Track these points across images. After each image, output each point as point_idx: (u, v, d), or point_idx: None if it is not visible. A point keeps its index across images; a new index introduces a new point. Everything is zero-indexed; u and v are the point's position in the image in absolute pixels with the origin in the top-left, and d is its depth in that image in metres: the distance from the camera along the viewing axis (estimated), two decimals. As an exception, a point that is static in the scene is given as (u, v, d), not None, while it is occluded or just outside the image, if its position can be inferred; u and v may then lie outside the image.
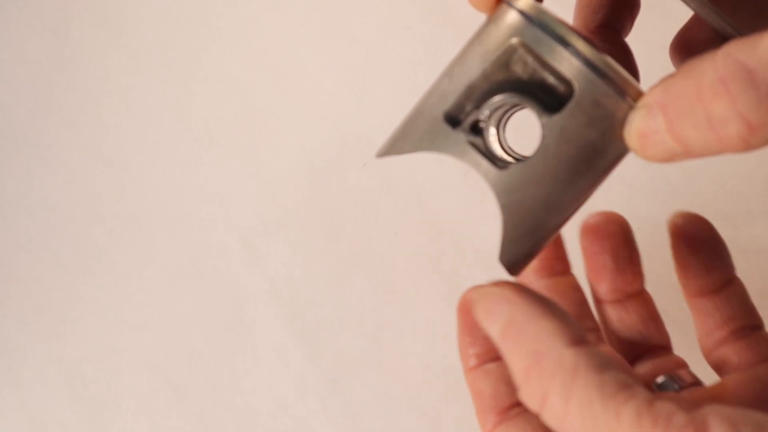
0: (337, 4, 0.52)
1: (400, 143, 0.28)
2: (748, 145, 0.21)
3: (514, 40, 0.25)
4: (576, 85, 0.25)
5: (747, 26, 0.26)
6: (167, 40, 0.52)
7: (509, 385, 0.30)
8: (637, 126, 0.24)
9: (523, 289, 0.25)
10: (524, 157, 0.27)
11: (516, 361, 0.24)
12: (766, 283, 0.31)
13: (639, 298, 0.34)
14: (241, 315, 0.47)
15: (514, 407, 0.29)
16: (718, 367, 0.32)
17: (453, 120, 0.27)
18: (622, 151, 0.26)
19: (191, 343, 0.46)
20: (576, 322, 0.24)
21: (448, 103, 0.27)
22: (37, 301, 0.47)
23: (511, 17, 0.26)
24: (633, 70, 0.31)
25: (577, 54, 0.24)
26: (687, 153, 0.22)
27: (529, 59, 0.25)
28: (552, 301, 0.25)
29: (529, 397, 0.23)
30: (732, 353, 0.31)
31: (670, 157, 0.23)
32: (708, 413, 0.21)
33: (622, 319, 0.33)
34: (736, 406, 0.29)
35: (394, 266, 0.47)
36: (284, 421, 0.44)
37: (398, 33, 0.52)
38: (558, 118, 0.25)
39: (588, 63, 0.24)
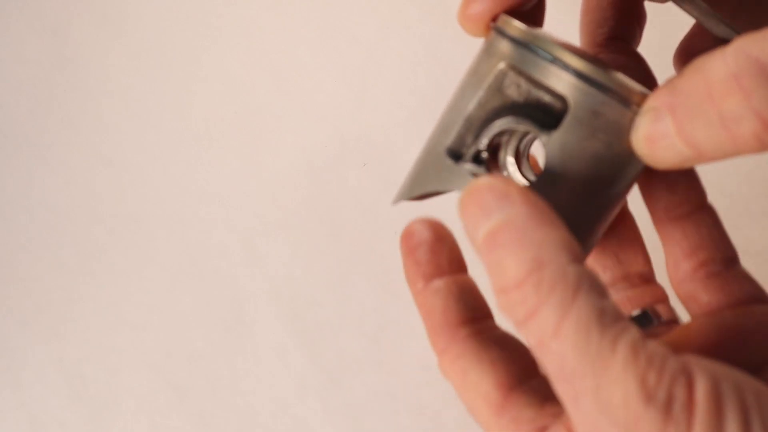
0: (337, 4, 0.52)
1: (410, 186, 0.27)
2: (763, 143, 0.20)
3: (502, 65, 0.25)
4: (569, 98, 0.24)
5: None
6: (167, 40, 0.52)
7: (459, 301, 0.28)
8: (643, 131, 0.23)
9: (527, 192, 0.22)
10: (533, 180, 0.26)
11: (509, 265, 0.21)
12: (766, 284, 0.30)
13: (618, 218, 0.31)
14: (241, 315, 0.47)
15: (465, 325, 0.28)
16: (688, 304, 0.30)
17: (456, 154, 0.26)
18: (634, 160, 0.25)
19: (191, 343, 0.46)
20: (576, 240, 0.22)
21: (449, 137, 0.26)
22: (37, 301, 0.47)
23: (497, 41, 0.25)
24: (648, 77, 0.30)
25: (565, 67, 0.24)
26: (698, 156, 0.21)
27: (522, 81, 0.25)
28: (554, 212, 0.23)
29: (514, 304, 0.22)
30: (702, 290, 0.29)
31: (680, 162, 0.22)
32: (692, 363, 0.21)
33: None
34: (700, 351, 0.27)
35: (394, 266, 0.47)
36: (284, 421, 0.44)
37: (398, 33, 0.52)
38: (557, 135, 0.24)
39: (578, 74, 0.24)
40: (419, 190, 0.27)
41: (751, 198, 0.46)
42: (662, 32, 0.32)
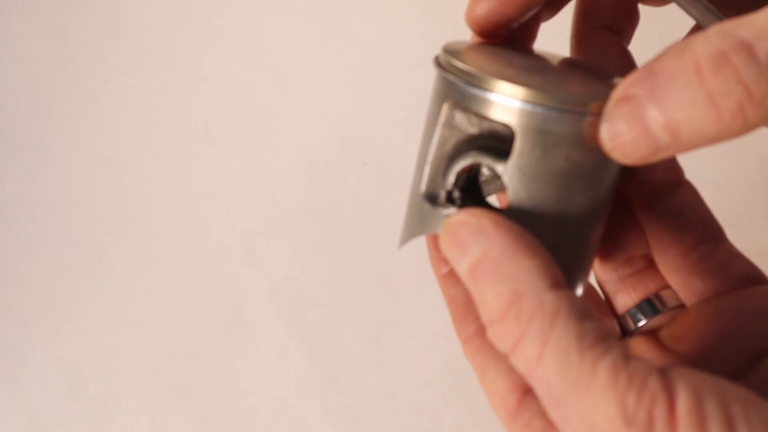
0: (337, 4, 0.52)
1: (404, 233, 0.27)
2: (746, 119, 0.20)
3: (447, 104, 0.25)
4: (512, 124, 0.24)
5: None
6: (167, 40, 0.52)
7: None
8: (613, 125, 0.22)
9: (501, 222, 0.23)
10: (501, 208, 0.25)
11: (490, 299, 0.22)
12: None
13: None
14: (241, 315, 0.47)
15: None
16: (684, 293, 0.30)
17: (431, 197, 0.26)
18: (604, 163, 0.24)
19: (191, 343, 0.46)
20: (555, 264, 0.22)
21: (424, 181, 0.26)
22: (37, 301, 0.47)
23: (439, 80, 0.25)
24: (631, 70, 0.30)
25: (499, 96, 0.23)
26: (674, 141, 0.21)
27: (470, 116, 0.25)
28: (532, 237, 0.23)
29: (500, 337, 0.22)
30: (696, 277, 0.29)
31: (652, 152, 0.22)
32: (676, 377, 0.20)
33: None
34: (700, 341, 0.27)
35: (394, 266, 0.47)
36: (284, 421, 0.44)
37: (398, 33, 0.52)
38: (512, 162, 0.24)
39: (513, 100, 0.23)
40: (411, 235, 0.27)
41: (751, 199, 0.46)
42: (662, 33, 0.32)
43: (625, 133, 0.22)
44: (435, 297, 0.46)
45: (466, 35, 0.28)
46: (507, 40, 0.28)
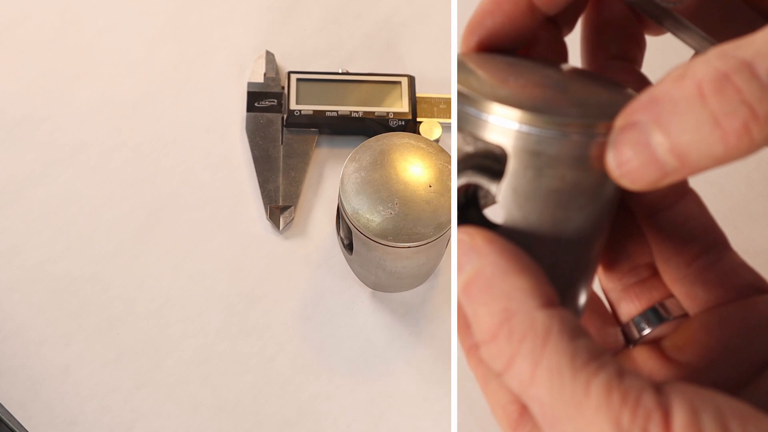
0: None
1: None
2: (751, 138, 0.20)
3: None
4: (504, 145, 0.23)
5: None
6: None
7: None
8: (619, 152, 0.22)
9: (494, 240, 0.23)
10: (495, 224, 0.25)
11: (483, 318, 0.22)
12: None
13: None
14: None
15: None
16: (687, 302, 0.29)
17: None
18: (602, 182, 0.24)
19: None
20: (549, 282, 0.22)
21: None
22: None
23: None
24: None
25: (493, 118, 0.23)
26: (681, 165, 0.21)
27: (466, 135, 0.24)
28: (525, 255, 0.23)
29: (493, 356, 0.22)
30: (699, 287, 0.29)
31: (660, 177, 0.21)
32: (672, 393, 0.20)
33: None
34: (703, 351, 0.27)
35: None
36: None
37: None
38: (506, 182, 0.24)
39: (506, 122, 0.23)
40: None
41: (751, 199, 0.46)
42: (663, 40, 0.31)
43: (631, 159, 0.22)
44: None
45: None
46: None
